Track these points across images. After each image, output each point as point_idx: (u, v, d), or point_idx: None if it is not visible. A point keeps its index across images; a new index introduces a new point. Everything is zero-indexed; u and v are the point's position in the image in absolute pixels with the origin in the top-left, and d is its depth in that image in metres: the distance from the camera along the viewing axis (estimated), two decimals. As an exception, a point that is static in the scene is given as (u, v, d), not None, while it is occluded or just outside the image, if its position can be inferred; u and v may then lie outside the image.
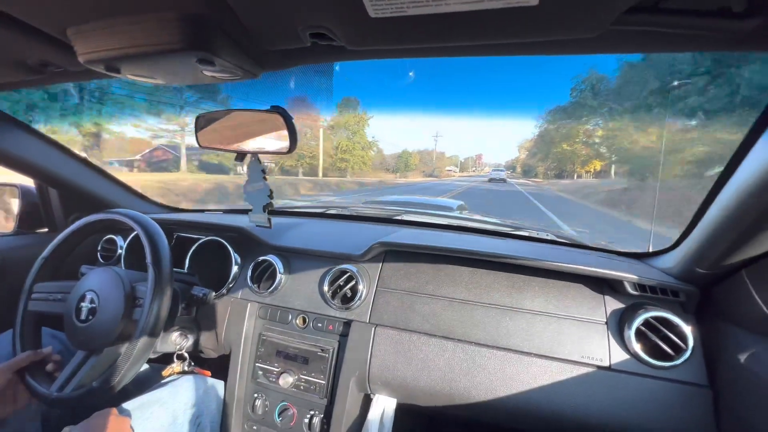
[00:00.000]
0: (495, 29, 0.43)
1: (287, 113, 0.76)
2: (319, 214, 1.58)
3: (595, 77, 27.87)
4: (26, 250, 1.25)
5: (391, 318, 0.99)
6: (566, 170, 31.92)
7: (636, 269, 0.90)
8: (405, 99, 78.43)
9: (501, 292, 0.95)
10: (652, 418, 0.79)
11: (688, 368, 0.80)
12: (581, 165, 29.65)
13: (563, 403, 0.83)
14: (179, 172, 17.08)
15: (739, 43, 0.44)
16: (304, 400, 1.02)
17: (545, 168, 37.66)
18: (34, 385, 0.78)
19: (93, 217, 0.93)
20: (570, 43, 0.48)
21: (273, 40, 0.52)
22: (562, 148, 31.98)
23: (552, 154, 34.51)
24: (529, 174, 44.47)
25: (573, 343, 0.87)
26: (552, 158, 34.79)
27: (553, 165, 35.04)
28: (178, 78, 0.62)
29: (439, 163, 65.50)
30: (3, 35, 0.58)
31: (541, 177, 37.69)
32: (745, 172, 0.64)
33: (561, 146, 32.24)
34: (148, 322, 0.76)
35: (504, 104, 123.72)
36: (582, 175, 29.24)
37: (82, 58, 0.53)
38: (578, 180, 27.96)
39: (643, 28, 0.43)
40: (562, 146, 32.14)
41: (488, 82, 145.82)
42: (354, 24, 0.44)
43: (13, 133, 1.09)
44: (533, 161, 44.59)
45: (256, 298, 1.11)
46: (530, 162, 47.44)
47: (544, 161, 37.58)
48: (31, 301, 0.89)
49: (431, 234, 1.23)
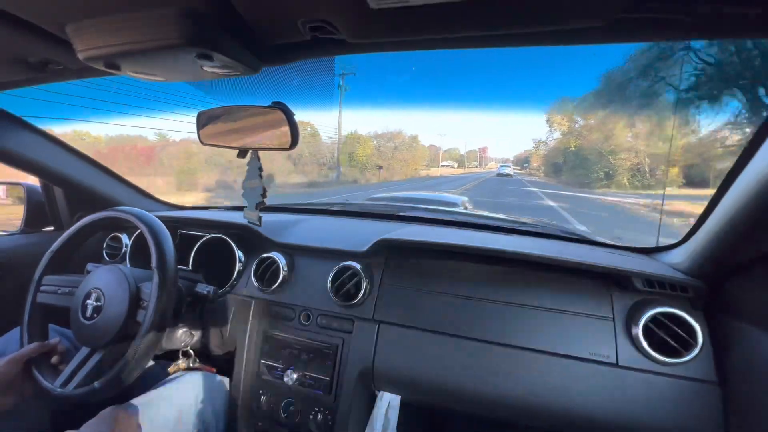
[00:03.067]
0: (499, 18, 0.42)
1: (288, 109, 0.75)
2: (322, 210, 1.58)
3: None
4: (32, 248, 1.26)
5: (395, 315, 0.99)
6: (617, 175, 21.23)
7: (644, 265, 0.89)
8: (393, 89, 74.38)
9: (506, 288, 0.95)
10: (659, 415, 0.78)
11: (697, 365, 0.79)
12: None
13: (569, 400, 0.83)
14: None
15: (757, 30, 0.42)
16: (309, 397, 1.02)
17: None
18: (39, 378, 0.79)
19: (99, 215, 0.94)
20: (577, 33, 0.47)
21: (273, 34, 0.51)
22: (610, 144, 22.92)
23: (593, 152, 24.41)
24: (556, 173, 32.54)
25: (580, 339, 0.86)
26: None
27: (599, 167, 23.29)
28: (179, 74, 0.62)
29: (432, 156, 60.75)
30: (2, 33, 0.57)
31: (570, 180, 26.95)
32: (757, 166, 0.62)
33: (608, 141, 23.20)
34: (152, 325, 0.77)
35: (514, 94, 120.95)
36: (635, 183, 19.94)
37: (81, 55, 0.53)
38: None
39: (654, 16, 0.41)
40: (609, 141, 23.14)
41: (498, 68, 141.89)
42: (354, 16, 0.43)
43: (17, 133, 1.09)
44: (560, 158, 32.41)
45: (260, 295, 1.11)
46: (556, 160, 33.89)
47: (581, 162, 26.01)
48: (39, 293, 0.90)
49: (435, 230, 1.22)
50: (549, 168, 36.56)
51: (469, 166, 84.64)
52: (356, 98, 30.25)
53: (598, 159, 23.98)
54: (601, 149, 23.85)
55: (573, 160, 28.37)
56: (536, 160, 49.14)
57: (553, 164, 35.29)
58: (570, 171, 28.50)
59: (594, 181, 23.01)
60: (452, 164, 64.41)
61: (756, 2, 0.39)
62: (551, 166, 35.56)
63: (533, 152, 49.97)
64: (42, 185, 1.35)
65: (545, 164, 40.00)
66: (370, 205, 1.82)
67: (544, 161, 41.40)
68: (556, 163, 33.64)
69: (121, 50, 0.51)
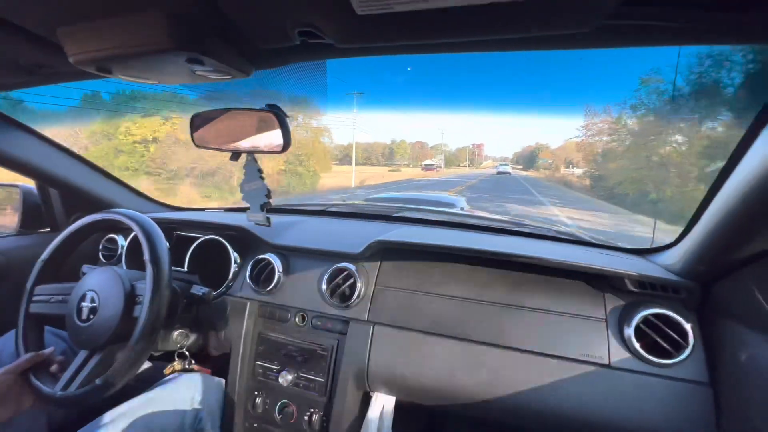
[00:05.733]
0: (485, 25, 0.42)
1: (282, 112, 0.75)
2: (318, 212, 1.58)
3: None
4: (28, 250, 1.26)
5: (390, 316, 0.99)
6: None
7: (637, 266, 0.89)
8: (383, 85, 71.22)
9: (500, 289, 0.95)
10: (651, 416, 0.78)
11: (689, 366, 0.79)
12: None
13: (562, 401, 0.83)
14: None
15: (739, 36, 0.43)
16: (304, 398, 1.03)
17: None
18: (38, 386, 0.78)
19: (90, 218, 0.94)
20: (563, 39, 0.47)
21: (262, 39, 0.51)
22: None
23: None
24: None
25: (572, 340, 0.86)
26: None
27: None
28: (170, 78, 0.62)
29: (411, 153, 54.92)
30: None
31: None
32: (747, 167, 0.62)
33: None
34: (148, 319, 0.77)
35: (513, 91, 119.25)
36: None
37: (73, 58, 0.53)
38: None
39: (640, 22, 0.42)
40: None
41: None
42: (341, 21, 0.43)
43: (12, 134, 1.09)
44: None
45: (255, 296, 1.12)
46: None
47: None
48: (32, 303, 0.90)
49: (430, 231, 1.22)
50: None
51: (461, 165, 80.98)
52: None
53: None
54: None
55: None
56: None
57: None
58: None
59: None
60: (433, 163, 53.94)
61: (743, 7, 0.39)
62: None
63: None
64: (38, 187, 1.36)
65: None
66: (366, 206, 1.82)
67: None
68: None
69: (112, 54, 0.52)
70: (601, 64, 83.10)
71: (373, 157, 66.97)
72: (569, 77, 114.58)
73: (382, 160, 67.19)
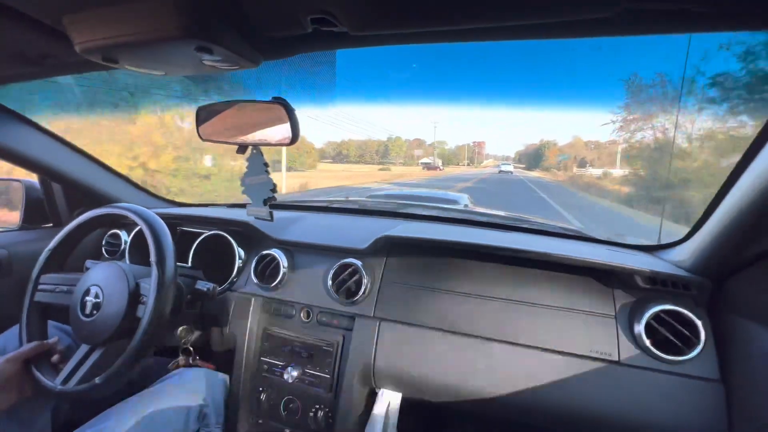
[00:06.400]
0: (506, 9, 0.41)
1: (289, 104, 0.74)
2: (322, 207, 1.57)
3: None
4: (32, 244, 1.26)
5: (396, 312, 0.98)
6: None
7: (646, 262, 0.88)
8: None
9: (507, 285, 0.94)
10: (662, 413, 0.78)
11: (700, 363, 0.78)
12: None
13: (571, 398, 0.82)
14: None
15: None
16: (309, 394, 1.02)
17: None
18: (39, 377, 0.78)
19: (97, 212, 0.93)
20: (584, 25, 0.46)
21: (273, 26, 0.50)
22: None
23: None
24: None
25: (581, 337, 0.85)
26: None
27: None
28: (178, 68, 0.61)
29: (407, 152, 53.29)
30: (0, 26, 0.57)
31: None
32: (762, 163, 0.61)
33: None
34: (151, 320, 0.76)
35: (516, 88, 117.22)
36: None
37: (79, 47, 0.52)
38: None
39: (664, 6, 0.40)
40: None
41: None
42: (357, 6, 0.42)
43: (15, 128, 1.09)
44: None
45: (260, 292, 1.11)
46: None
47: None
48: (37, 292, 0.90)
49: (436, 227, 1.21)
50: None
51: (460, 164, 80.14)
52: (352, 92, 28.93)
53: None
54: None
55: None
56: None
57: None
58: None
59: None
60: (429, 161, 53.60)
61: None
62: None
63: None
64: (40, 181, 1.35)
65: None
66: (371, 203, 1.81)
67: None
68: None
69: (118, 42, 0.51)
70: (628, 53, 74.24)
71: (367, 154, 66.90)
72: (582, 68, 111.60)
73: (376, 157, 67.03)
